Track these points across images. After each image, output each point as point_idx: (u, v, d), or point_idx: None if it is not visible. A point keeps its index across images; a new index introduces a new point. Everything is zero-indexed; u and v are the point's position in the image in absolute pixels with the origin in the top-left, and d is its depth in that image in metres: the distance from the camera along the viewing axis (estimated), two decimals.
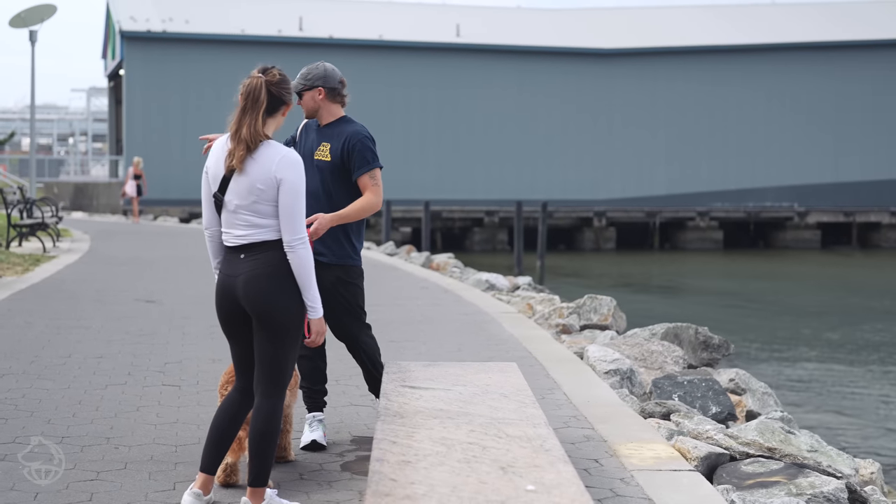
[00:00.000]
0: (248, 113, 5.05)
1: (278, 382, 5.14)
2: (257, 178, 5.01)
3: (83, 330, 10.79)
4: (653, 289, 33.78)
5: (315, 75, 6.57)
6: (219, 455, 5.22)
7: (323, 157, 6.57)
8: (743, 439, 6.94)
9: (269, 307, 5.05)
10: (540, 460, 4.43)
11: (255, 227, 5.06)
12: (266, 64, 5.29)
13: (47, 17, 26.84)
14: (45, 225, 21.56)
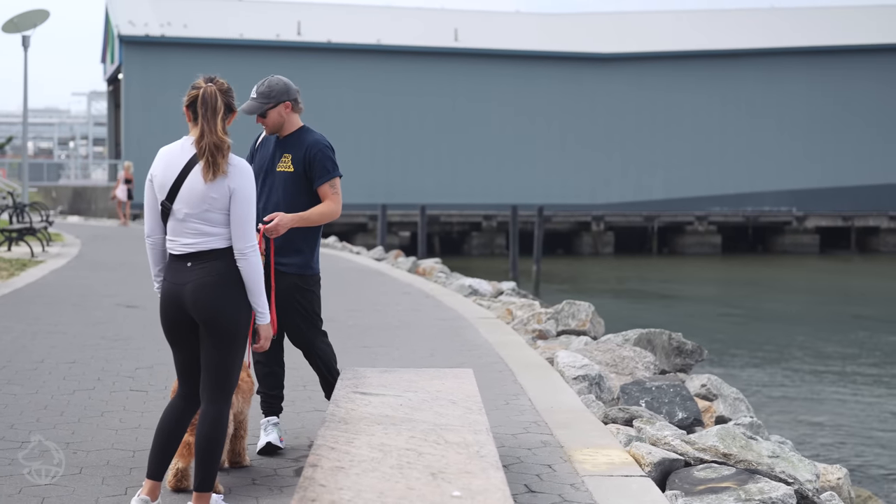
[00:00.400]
0: (210, 121, 5.08)
1: (224, 388, 5.19)
2: (213, 187, 5.06)
3: (60, 335, 10.85)
4: (645, 294, 33.83)
5: (279, 90, 6.58)
6: (164, 460, 5.27)
7: (286, 168, 6.63)
8: (700, 445, 6.98)
9: (217, 314, 5.10)
10: (472, 466, 4.49)
11: (203, 235, 5.10)
12: (208, 74, 5.31)
13: (40, 23, 26.95)
14: (33, 230, 21.61)
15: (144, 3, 54.44)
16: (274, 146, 6.71)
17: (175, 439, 5.30)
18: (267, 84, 6.58)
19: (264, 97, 6.53)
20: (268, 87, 6.56)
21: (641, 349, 10.45)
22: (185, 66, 50.20)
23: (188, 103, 5.19)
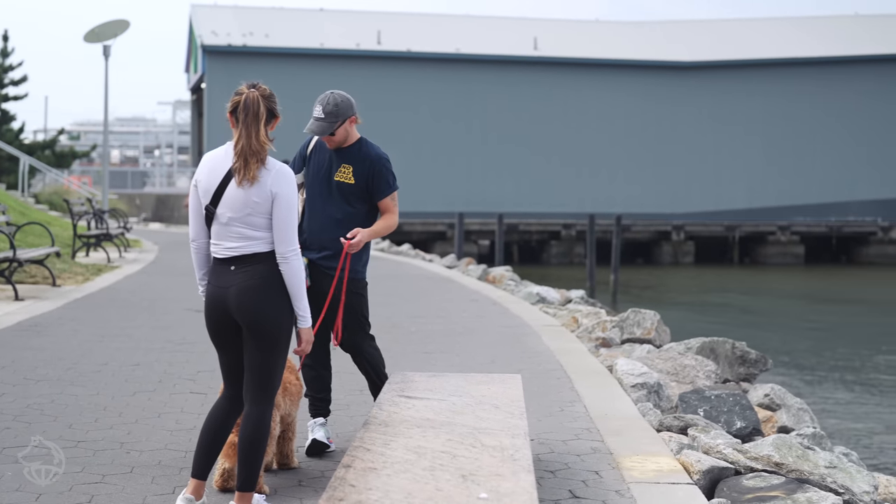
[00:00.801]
0: (252, 126, 5.13)
1: (267, 389, 5.25)
2: (253, 192, 5.11)
3: (126, 338, 11.03)
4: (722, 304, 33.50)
5: (345, 107, 6.64)
6: (209, 460, 5.34)
7: (345, 179, 6.70)
8: (752, 454, 6.92)
9: (261, 317, 5.16)
10: (504, 469, 4.50)
11: (247, 239, 5.16)
12: (252, 80, 5.37)
13: (121, 33, 27.39)
14: (110, 235, 21.98)
15: (227, 14, 55.17)
16: (330, 154, 6.77)
17: (220, 439, 5.36)
18: (333, 103, 6.61)
19: (333, 116, 6.59)
20: (334, 105, 6.60)
21: (703, 358, 10.37)
22: (267, 75, 50.55)
23: (231, 109, 5.24)
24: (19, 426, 7.12)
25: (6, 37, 51.24)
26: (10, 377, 8.77)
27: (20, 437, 6.82)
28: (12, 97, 51.13)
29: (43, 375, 8.89)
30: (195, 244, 5.37)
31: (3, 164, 45.71)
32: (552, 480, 6.21)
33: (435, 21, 58.76)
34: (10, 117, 51.40)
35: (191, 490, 5.33)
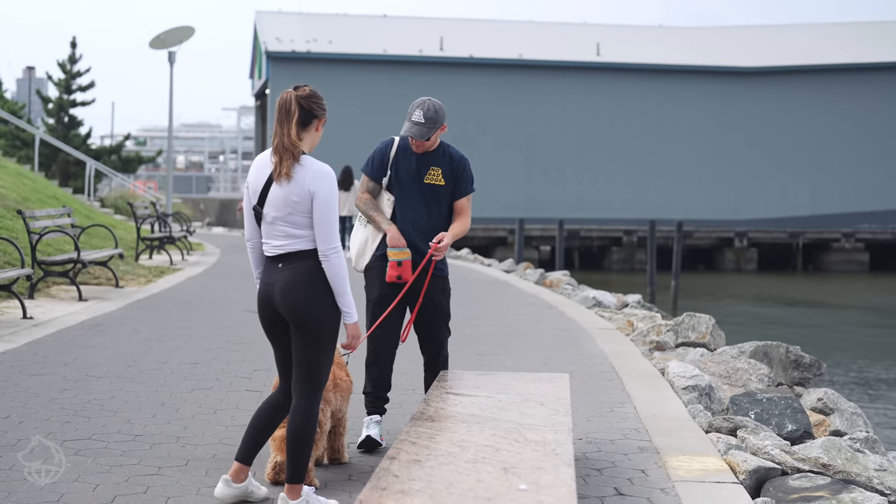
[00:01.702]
0: (284, 124, 5.30)
1: (313, 383, 5.38)
2: (292, 191, 5.26)
3: (186, 338, 11.24)
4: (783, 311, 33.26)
5: (442, 115, 6.80)
6: (254, 447, 5.51)
7: (435, 181, 6.90)
8: (800, 455, 6.96)
9: (305, 314, 5.30)
10: (545, 463, 4.59)
11: (291, 237, 5.31)
12: (309, 85, 5.52)
13: (186, 39, 27.77)
14: (173, 238, 22.31)
15: (291, 20, 55.62)
16: (417, 158, 6.93)
17: (267, 429, 5.52)
18: (432, 109, 6.75)
19: (432, 122, 6.75)
20: (434, 112, 6.75)
21: (757, 361, 10.38)
22: (330, 81, 51.09)
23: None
24: (80, 420, 7.32)
25: (74, 43, 52.00)
26: (72, 374, 9.00)
27: (80, 431, 7.01)
28: (80, 103, 51.84)
29: (104, 372, 9.10)
30: (250, 244, 5.55)
31: (70, 169, 46.41)
32: (598, 478, 6.29)
33: (497, 27, 58.84)
34: (78, 123, 52.13)
35: (231, 472, 5.53)
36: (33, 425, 7.12)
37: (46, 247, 16.70)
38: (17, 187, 24.12)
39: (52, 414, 7.48)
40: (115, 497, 5.64)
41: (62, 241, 18.01)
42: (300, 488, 5.39)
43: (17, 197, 22.36)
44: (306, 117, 5.36)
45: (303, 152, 5.35)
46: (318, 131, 5.43)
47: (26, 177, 27.42)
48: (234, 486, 5.52)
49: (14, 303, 13.22)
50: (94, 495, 5.66)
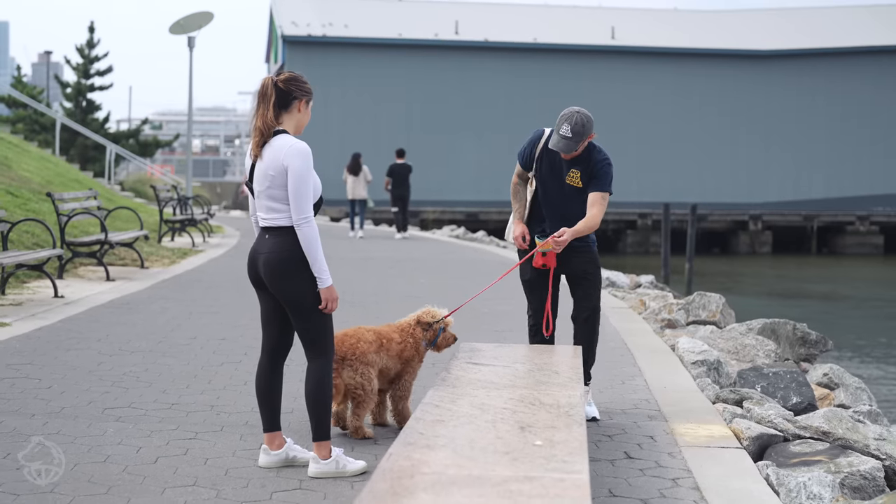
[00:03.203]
0: (261, 107, 5.77)
1: (315, 346, 5.84)
2: (269, 166, 5.71)
3: (212, 315, 11.65)
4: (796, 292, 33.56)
5: (589, 127, 7.16)
6: (270, 414, 5.95)
7: (574, 182, 7.32)
8: (801, 423, 7.31)
9: (284, 288, 5.77)
10: (559, 423, 4.96)
11: (273, 211, 5.76)
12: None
13: (205, 24, 28.17)
14: (195, 221, 22.75)
15: (307, 5, 55.93)
16: (561, 158, 7.31)
17: (272, 393, 5.97)
18: (580, 123, 7.09)
19: (579, 136, 7.11)
20: (581, 126, 7.09)
21: (764, 338, 10.73)
22: (346, 65, 51.43)
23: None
24: (118, 391, 7.73)
25: (92, 28, 52.43)
26: (106, 348, 9.40)
27: (119, 400, 7.42)
28: (98, 87, 52.29)
29: (136, 347, 9.51)
30: (252, 218, 6.02)
31: (88, 153, 46.86)
32: (609, 443, 6.67)
33: (512, 10, 59.07)
34: (96, 107, 52.60)
35: (266, 441, 5.99)
36: (75, 395, 7.52)
37: (72, 228, 17.12)
38: (41, 171, 24.56)
39: (91, 385, 7.88)
40: (157, 458, 6.04)
41: (86, 224, 18.43)
42: (328, 446, 5.79)
43: (40, 180, 22.80)
44: (285, 99, 5.78)
45: (284, 132, 5.76)
46: (300, 112, 5.85)
47: (49, 161, 27.87)
48: (273, 454, 5.94)
49: (44, 282, 13.65)
50: (138, 456, 6.06)
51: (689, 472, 6.09)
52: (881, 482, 6.39)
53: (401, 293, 14.53)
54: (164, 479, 5.64)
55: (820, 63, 55.19)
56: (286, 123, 5.80)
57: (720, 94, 54.37)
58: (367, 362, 6.54)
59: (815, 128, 55.01)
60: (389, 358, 6.82)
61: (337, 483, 5.68)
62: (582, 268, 7.44)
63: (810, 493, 5.93)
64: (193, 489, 5.49)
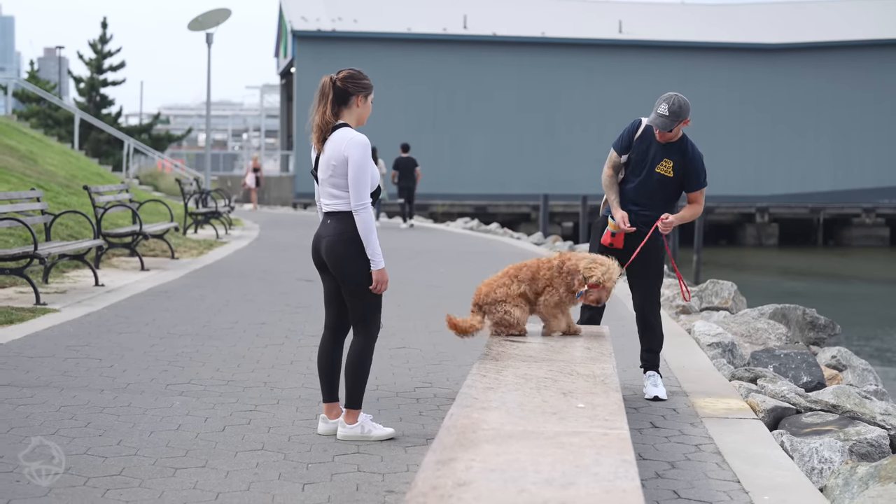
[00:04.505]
0: (320, 104, 6.34)
1: (362, 323, 6.39)
2: (331, 157, 6.27)
3: (248, 302, 12.23)
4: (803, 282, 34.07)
5: (686, 110, 7.67)
6: (329, 386, 6.55)
7: (665, 172, 7.81)
8: (813, 398, 7.87)
9: (342, 268, 6.31)
10: (597, 390, 5.53)
11: (334, 198, 6.32)
12: (343, 66, 6.52)
13: (223, 21, 28.73)
14: (218, 214, 23.36)
15: (317, 0, 56.43)
16: (655, 146, 7.83)
17: (332, 367, 6.56)
18: (677, 104, 7.62)
19: (676, 116, 7.62)
20: (678, 107, 7.62)
21: (775, 322, 11.29)
22: (355, 60, 51.86)
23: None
24: (175, 369, 8.30)
25: (105, 24, 53.02)
26: (155, 332, 9.98)
27: (178, 377, 7.99)
28: (111, 82, 52.89)
29: (184, 331, 10.09)
30: (318, 203, 6.54)
31: (101, 147, 47.43)
32: (635, 415, 7.23)
33: (520, 5, 59.48)
34: (109, 102, 53.22)
35: (325, 411, 6.59)
36: (136, 373, 8.10)
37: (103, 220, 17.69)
38: (65, 165, 25.15)
39: (149, 364, 8.46)
40: (224, 427, 6.61)
41: (115, 216, 19.01)
42: (357, 414, 6.37)
43: (65, 174, 23.39)
44: (343, 96, 6.33)
45: (345, 125, 6.32)
46: (359, 106, 6.39)
47: (70, 155, 28.47)
48: (330, 423, 6.54)
49: (83, 272, 14.23)
50: (206, 425, 6.64)
51: (711, 440, 6.65)
52: (886, 449, 6.94)
53: (422, 282, 15.09)
54: (235, 444, 6.21)
55: (826, 56, 55.63)
56: (346, 117, 6.36)
57: (727, 88, 54.82)
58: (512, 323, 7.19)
59: (822, 121, 55.46)
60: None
61: (392, 447, 6.24)
62: (647, 257, 7.84)
63: (822, 457, 6.48)
64: (262, 453, 6.06)
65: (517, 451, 4.27)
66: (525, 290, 7.15)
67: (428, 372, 8.48)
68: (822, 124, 55.48)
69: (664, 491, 5.62)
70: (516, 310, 7.12)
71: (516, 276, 7.20)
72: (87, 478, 5.51)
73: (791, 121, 55.33)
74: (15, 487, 5.32)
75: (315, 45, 53.10)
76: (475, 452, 4.22)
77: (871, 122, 55.72)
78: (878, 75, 55.67)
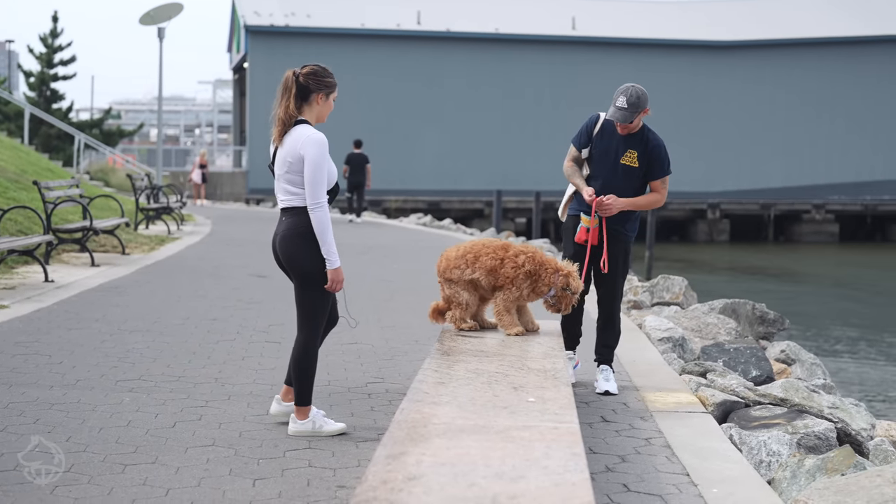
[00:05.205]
0: (283, 99, 6.34)
1: (307, 320, 6.37)
2: (288, 153, 6.26)
3: (200, 298, 12.18)
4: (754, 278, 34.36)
5: (644, 100, 7.69)
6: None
7: (630, 162, 7.80)
8: (762, 392, 7.94)
9: (293, 262, 6.30)
10: (547, 384, 5.56)
11: (290, 194, 6.31)
12: (304, 61, 6.52)
13: (174, 15, 28.54)
14: (169, 209, 23.23)
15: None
16: (617, 139, 7.82)
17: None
18: (635, 95, 7.63)
19: (634, 107, 7.63)
20: (637, 98, 7.63)
21: (725, 317, 11.38)
22: (309, 55, 51.68)
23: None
24: (125, 365, 8.25)
25: (56, 18, 52.53)
26: (106, 328, 9.92)
27: (128, 374, 7.94)
28: (61, 77, 52.40)
29: (134, 327, 10.03)
30: (277, 198, 6.51)
31: (51, 142, 46.98)
32: (586, 409, 7.27)
33: (474, 1, 59.49)
34: (60, 97, 52.71)
35: (282, 393, 6.71)
36: (86, 369, 8.04)
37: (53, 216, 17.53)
38: (14, 160, 24.89)
39: (99, 360, 8.40)
40: (175, 423, 6.58)
41: (65, 212, 18.85)
42: (307, 409, 6.37)
43: (15, 170, 23.15)
44: (304, 92, 6.34)
45: (305, 122, 6.32)
46: (319, 104, 6.39)
47: (20, 150, 28.18)
48: (283, 405, 6.63)
49: (33, 268, 14.11)
50: (157, 421, 6.61)
51: (661, 433, 6.70)
52: (833, 442, 7.02)
53: (375, 277, 15.08)
54: (185, 440, 6.19)
55: (778, 53, 56.08)
56: (307, 114, 6.35)
57: (680, 84, 55.13)
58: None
59: (773, 117, 55.91)
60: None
61: (343, 442, 6.23)
62: (614, 255, 7.85)
63: (770, 450, 6.55)
64: (213, 448, 6.04)
65: (468, 445, 4.29)
66: (478, 277, 7.11)
67: (380, 367, 8.48)
68: (773, 121, 55.93)
69: (614, 484, 5.66)
70: (465, 293, 7.12)
71: (475, 261, 7.13)
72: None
73: (742, 117, 55.75)
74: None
75: (268, 40, 52.91)
76: (426, 447, 4.23)
77: (821, 118, 56.24)
78: (829, 73, 56.19)
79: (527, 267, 7.11)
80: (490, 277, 7.11)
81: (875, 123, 56.47)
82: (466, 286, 7.12)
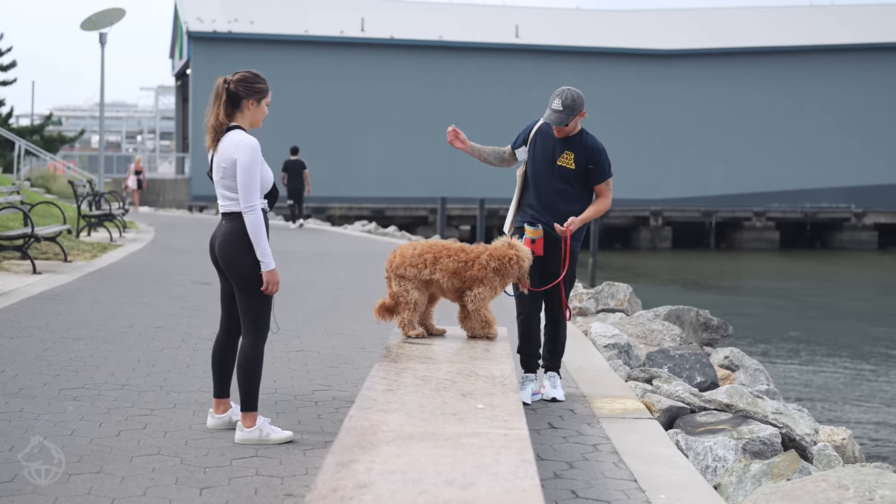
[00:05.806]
0: (214, 106, 6.34)
1: (252, 324, 6.37)
2: (221, 159, 6.28)
3: (144, 306, 12.07)
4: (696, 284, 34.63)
5: (580, 103, 7.64)
6: (221, 382, 6.60)
7: (567, 164, 7.76)
8: (707, 398, 8.00)
9: (230, 265, 6.32)
10: (496, 391, 5.55)
11: (226, 199, 6.34)
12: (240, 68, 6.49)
13: (116, 21, 28.32)
14: (112, 216, 23.02)
15: (213, 1, 55.96)
16: (554, 141, 7.80)
17: (225, 364, 6.58)
18: (570, 98, 7.60)
19: (570, 110, 7.60)
20: (573, 100, 7.60)
21: (670, 323, 11.46)
22: (251, 61, 51.44)
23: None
24: (68, 374, 8.15)
25: None
26: (48, 336, 9.80)
27: (71, 382, 7.85)
28: (1, 82, 51.83)
29: (77, 335, 9.91)
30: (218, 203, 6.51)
31: None
32: (533, 416, 7.28)
33: (418, 8, 59.64)
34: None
35: (213, 407, 6.67)
36: (28, 378, 7.94)
37: None
38: None
39: (42, 369, 8.30)
40: (119, 432, 6.51)
41: (5, 219, 18.64)
42: (254, 416, 6.34)
43: None
44: (233, 99, 6.33)
45: (238, 128, 6.32)
46: (250, 110, 6.39)
47: None
48: (217, 417, 6.64)
49: None
50: (101, 430, 6.53)
51: (608, 439, 6.72)
52: (778, 447, 7.09)
53: (320, 285, 15.03)
54: (130, 449, 6.12)
55: (719, 63, 56.65)
56: (239, 120, 6.35)
57: (621, 93, 55.52)
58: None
59: (714, 126, 56.46)
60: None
61: (290, 450, 6.20)
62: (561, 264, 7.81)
63: (716, 455, 6.60)
64: (158, 457, 5.98)
65: (417, 452, 4.27)
66: (439, 279, 7.08)
67: (327, 375, 8.45)
68: (715, 129, 56.47)
69: (563, 491, 5.67)
70: (416, 292, 7.09)
71: (435, 262, 7.09)
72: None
73: (684, 125, 56.23)
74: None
75: (211, 47, 52.69)
76: (375, 454, 4.21)
77: (762, 127, 56.87)
78: (770, 81, 56.85)
79: (493, 265, 7.13)
80: (454, 280, 7.10)
81: (812, 132, 57.18)
82: (419, 285, 7.09)
